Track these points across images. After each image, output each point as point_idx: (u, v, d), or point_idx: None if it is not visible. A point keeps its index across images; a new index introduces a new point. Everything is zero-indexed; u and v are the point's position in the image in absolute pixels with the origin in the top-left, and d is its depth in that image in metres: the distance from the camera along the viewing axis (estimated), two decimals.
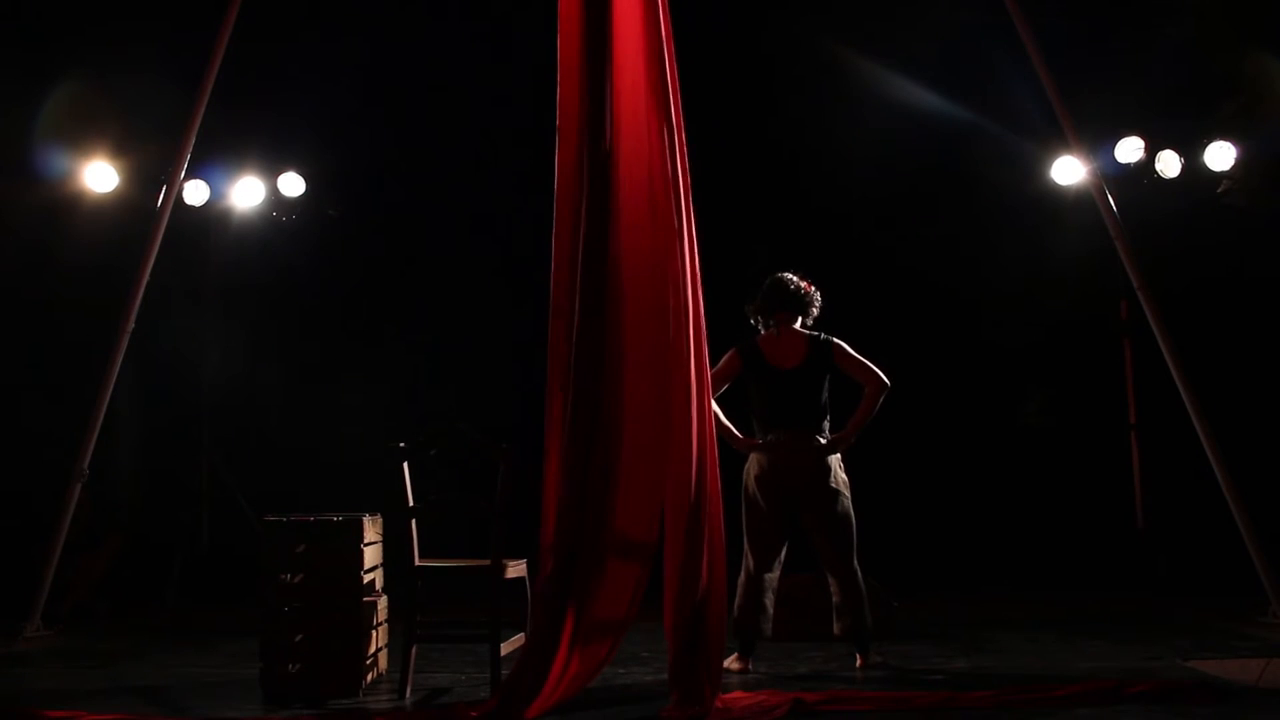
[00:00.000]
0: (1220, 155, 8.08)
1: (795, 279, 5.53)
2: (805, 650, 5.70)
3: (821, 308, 5.57)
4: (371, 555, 5.10)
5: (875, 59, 8.77)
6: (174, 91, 7.35)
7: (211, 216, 8.96)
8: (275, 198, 8.90)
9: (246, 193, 8.83)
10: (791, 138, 9.04)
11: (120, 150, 8.30)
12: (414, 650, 4.88)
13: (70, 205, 8.33)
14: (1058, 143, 8.04)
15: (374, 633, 5.07)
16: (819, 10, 8.75)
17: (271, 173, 8.86)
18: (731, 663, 5.24)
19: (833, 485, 5.33)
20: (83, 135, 8.24)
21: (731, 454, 5.46)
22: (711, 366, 5.39)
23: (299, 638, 4.80)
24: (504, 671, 4.67)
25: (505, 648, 4.81)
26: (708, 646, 4.45)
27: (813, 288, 5.55)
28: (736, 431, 5.45)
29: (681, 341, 4.66)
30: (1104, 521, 8.68)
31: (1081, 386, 9.08)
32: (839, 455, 5.41)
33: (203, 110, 6.82)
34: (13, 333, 8.39)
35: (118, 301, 6.81)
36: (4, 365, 8.32)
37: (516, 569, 5.02)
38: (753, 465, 5.42)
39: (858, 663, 5.28)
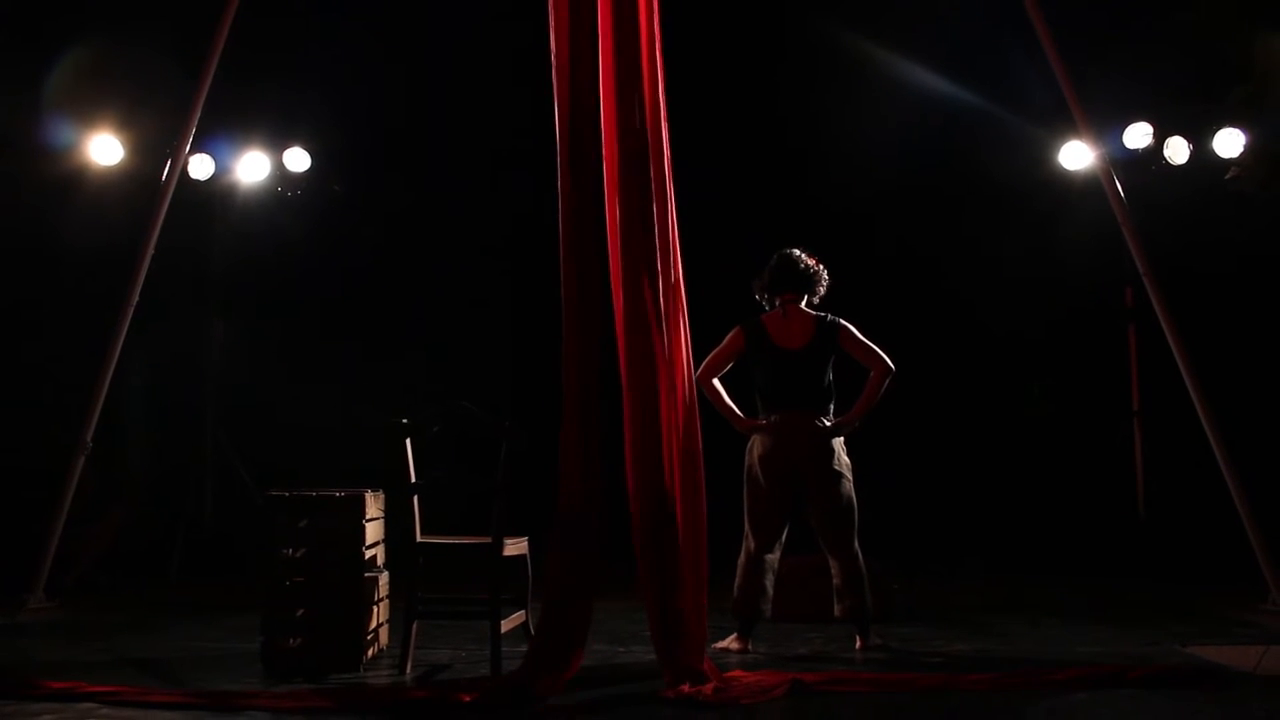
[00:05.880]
0: (1229, 142, 8.08)
1: (803, 256, 5.48)
2: (805, 632, 5.71)
3: (829, 286, 5.55)
4: (373, 531, 5.11)
5: (883, 43, 8.74)
6: (180, 64, 7.34)
7: (216, 191, 8.96)
8: (280, 173, 8.90)
9: (252, 167, 8.83)
10: (798, 122, 9.02)
11: (125, 123, 8.29)
12: (415, 626, 4.89)
13: (75, 178, 8.32)
14: (1066, 128, 8.02)
15: (375, 608, 5.08)
16: None
17: (277, 148, 8.86)
18: (731, 643, 5.25)
19: (835, 468, 5.32)
20: (88, 107, 8.23)
21: (733, 435, 5.46)
22: (715, 346, 5.42)
23: (300, 612, 4.81)
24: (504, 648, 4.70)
25: (505, 625, 4.82)
26: (686, 624, 4.44)
27: (820, 265, 5.52)
28: (739, 412, 5.44)
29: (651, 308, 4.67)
30: (1106, 507, 8.69)
31: (1086, 373, 9.08)
32: (842, 438, 5.40)
33: (209, 84, 6.81)
34: (18, 306, 8.39)
35: (122, 274, 6.81)
36: (10, 339, 8.32)
37: (517, 546, 5.03)
38: (755, 446, 5.40)
39: (858, 645, 5.28)
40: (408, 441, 4.98)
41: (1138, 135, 8.26)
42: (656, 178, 4.74)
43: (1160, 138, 8.27)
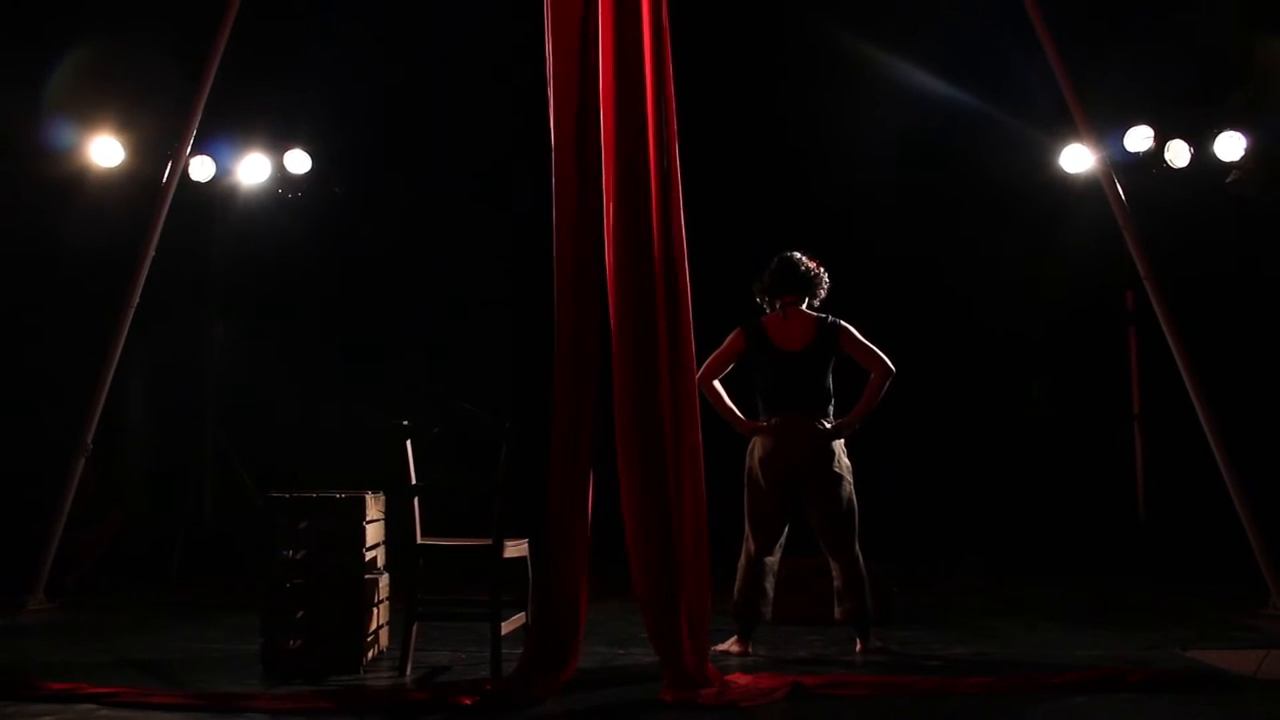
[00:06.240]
0: (1229, 145, 8.08)
1: (804, 259, 5.48)
2: (805, 634, 5.71)
3: (829, 288, 5.54)
4: (374, 533, 5.11)
5: (884, 45, 8.74)
6: (181, 66, 7.34)
7: (217, 192, 8.96)
8: (281, 174, 8.90)
9: (252, 169, 8.83)
10: (798, 124, 9.02)
11: (126, 124, 8.29)
12: (415, 628, 4.89)
13: (75, 179, 8.32)
14: (1067, 131, 8.02)
15: (375, 610, 5.08)
16: None
17: (278, 149, 8.86)
18: (731, 645, 5.25)
19: (835, 470, 5.31)
20: (88, 109, 8.22)
21: (733, 436, 5.46)
22: (715, 348, 5.42)
23: (300, 614, 4.81)
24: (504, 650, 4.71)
25: (505, 627, 4.82)
26: (686, 626, 4.43)
27: (821, 268, 5.52)
28: (740, 414, 5.44)
29: (658, 311, 4.64)
30: (1106, 510, 8.69)
31: (1086, 375, 9.08)
32: (842, 440, 5.39)
33: (209, 85, 6.81)
34: (19, 307, 8.39)
35: (123, 275, 6.81)
36: (11, 340, 8.32)
37: (517, 548, 5.02)
38: (756, 448, 5.40)
39: (858, 648, 5.27)
40: (408, 443, 4.98)
41: (1138, 138, 8.26)
42: (658, 176, 4.72)
43: (1161, 141, 8.27)
